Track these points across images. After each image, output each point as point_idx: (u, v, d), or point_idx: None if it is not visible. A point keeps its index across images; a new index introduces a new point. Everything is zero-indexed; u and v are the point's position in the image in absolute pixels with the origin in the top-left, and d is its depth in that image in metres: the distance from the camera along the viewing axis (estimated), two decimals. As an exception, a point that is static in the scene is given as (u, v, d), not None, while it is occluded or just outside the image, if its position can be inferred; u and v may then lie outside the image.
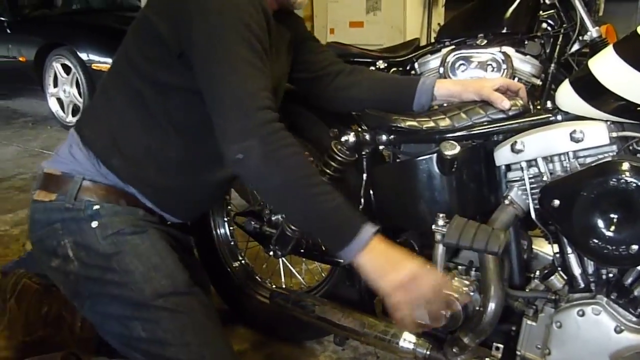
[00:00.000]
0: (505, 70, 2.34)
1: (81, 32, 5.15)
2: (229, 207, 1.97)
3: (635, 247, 1.09)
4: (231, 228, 1.97)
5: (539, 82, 2.38)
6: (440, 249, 1.25)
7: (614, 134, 1.16)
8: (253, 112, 1.14)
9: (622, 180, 1.08)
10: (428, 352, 1.37)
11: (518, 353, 1.33)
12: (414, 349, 1.39)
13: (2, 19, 5.63)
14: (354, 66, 1.60)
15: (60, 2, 6.43)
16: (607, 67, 1.18)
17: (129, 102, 1.32)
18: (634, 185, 1.07)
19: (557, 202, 1.16)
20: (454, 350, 1.34)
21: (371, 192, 1.49)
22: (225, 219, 1.96)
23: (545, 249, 1.36)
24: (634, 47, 1.16)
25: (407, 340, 1.40)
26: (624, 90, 1.13)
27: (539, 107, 1.39)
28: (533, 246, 1.38)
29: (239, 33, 1.18)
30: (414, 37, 4.04)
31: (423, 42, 4.15)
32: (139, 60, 1.30)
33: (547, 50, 2.47)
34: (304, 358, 1.88)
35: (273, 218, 1.72)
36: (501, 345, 1.36)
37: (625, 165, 1.09)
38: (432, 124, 1.37)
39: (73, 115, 5.10)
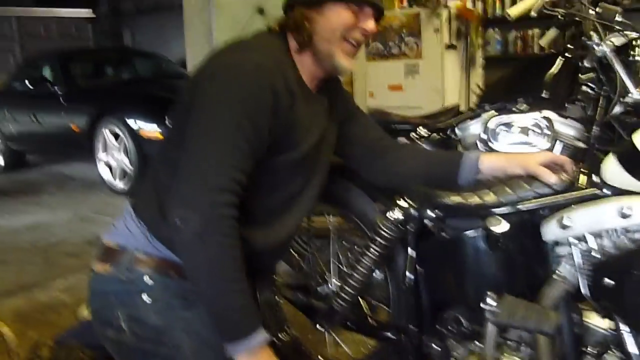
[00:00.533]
0: (548, 135, 2.33)
1: (129, 101, 5.37)
2: (275, 277, 1.99)
3: (693, 327, 1.07)
4: (277, 299, 1.98)
5: (581, 145, 2.36)
6: (491, 328, 1.25)
7: (664, 209, 1.15)
8: (210, 188, 1.19)
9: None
10: None
11: None
12: None
13: (57, 90, 5.92)
14: (401, 143, 1.64)
15: (110, 72, 6.75)
16: (653, 142, 1.18)
17: (171, 174, 1.35)
18: (688, 264, 1.06)
19: (609, 281, 1.15)
20: None
21: (417, 266, 1.50)
22: (272, 289, 1.98)
23: (597, 321, 1.33)
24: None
25: (459, 419, 1.37)
26: (671, 166, 1.13)
27: (583, 170, 1.38)
28: (585, 319, 1.35)
29: (231, 110, 1.23)
30: (452, 99, 4.11)
31: (462, 103, 4.20)
32: (175, 131, 1.37)
33: (589, 113, 2.46)
34: None
35: (320, 290, 1.74)
36: None
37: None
38: (477, 199, 1.38)
39: (121, 181, 5.26)
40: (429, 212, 1.44)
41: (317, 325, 1.68)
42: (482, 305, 1.24)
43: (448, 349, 1.46)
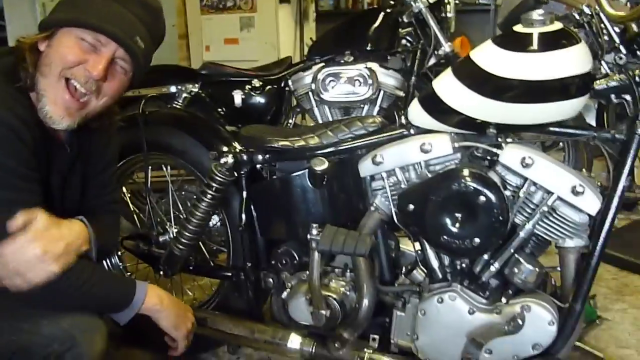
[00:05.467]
0: (371, 85, 2.53)
1: None
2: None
3: (477, 240, 1.28)
4: (119, 252, 1.99)
5: (402, 93, 2.59)
6: (315, 256, 1.39)
7: (456, 144, 1.35)
8: None
9: (462, 185, 1.27)
10: (313, 350, 1.51)
11: (392, 341, 1.49)
12: (300, 348, 1.52)
13: None
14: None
15: None
16: (447, 87, 1.36)
17: None
18: (472, 188, 1.26)
19: (411, 206, 1.33)
20: (336, 345, 1.49)
21: (252, 207, 1.61)
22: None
23: (410, 247, 1.53)
24: (468, 70, 1.34)
25: (294, 341, 1.53)
26: (461, 107, 1.32)
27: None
28: (400, 245, 1.55)
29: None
30: (287, 52, 4.21)
31: (296, 56, 4.32)
32: None
33: (408, 64, 2.70)
34: (200, 371, 1.94)
35: (161, 239, 1.79)
36: (377, 336, 1.52)
37: (465, 172, 1.29)
38: (302, 143, 1.51)
39: None
40: (259, 156, 1.54)
41: (161, 273, 1.74)
42: (308, 236, 1.37)
43: (283, 281, 1.59)
